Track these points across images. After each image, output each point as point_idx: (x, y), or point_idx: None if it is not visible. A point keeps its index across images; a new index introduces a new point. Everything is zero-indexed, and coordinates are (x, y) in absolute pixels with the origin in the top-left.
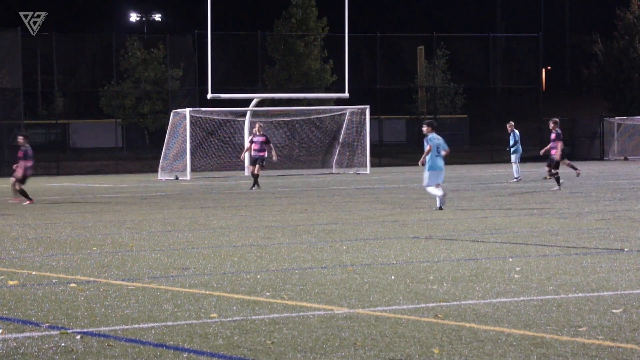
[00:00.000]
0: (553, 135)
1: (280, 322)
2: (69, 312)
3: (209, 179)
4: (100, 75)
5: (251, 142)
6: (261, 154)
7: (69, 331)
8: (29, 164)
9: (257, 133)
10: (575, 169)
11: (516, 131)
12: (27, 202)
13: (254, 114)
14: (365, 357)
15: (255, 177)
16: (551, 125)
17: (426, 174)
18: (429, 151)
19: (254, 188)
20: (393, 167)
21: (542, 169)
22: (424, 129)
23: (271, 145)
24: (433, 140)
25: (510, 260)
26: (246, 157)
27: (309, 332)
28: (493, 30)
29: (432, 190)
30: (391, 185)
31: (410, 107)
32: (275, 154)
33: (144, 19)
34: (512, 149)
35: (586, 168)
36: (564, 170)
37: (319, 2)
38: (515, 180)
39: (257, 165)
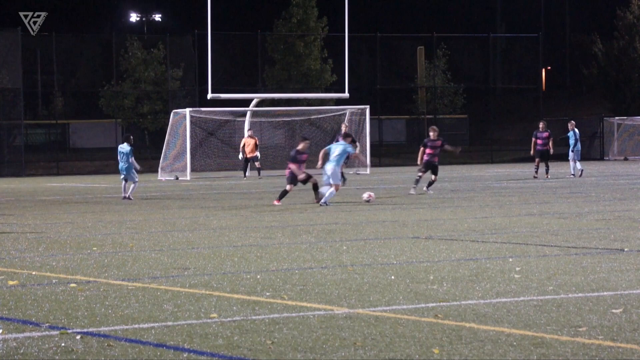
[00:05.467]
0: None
1: (280, 322)
2: (69, 312)
3: (209, 179)
4: (100, 75)
5: (425, 145)
6: (434, 159)
7: (69, 331)
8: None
9: (433, 137)
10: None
11: (576, 130)
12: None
13: (254, 114)
14: (365, 357)
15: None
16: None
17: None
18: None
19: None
20: (393, 167)
21: (540, 169)
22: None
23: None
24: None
25: (510, 260)
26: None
27: (309, 332)
28: (493, 30)
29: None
30: (391, 185)
31: (410, 107)
32: (452, 148)
33: (144, 19)
34: (572, 147)
35: (586, 168)
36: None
37: (319, 2)
38: (572, 176)
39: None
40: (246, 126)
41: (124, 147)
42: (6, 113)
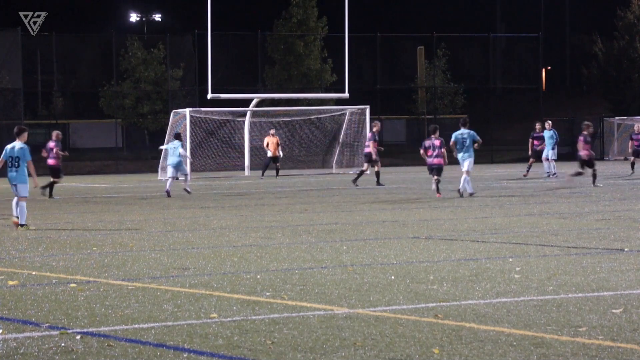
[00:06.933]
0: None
1: (280, 322)
2: (69, 312)
3: (209, 179)
4: (100, 75)
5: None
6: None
7: (69, 331)
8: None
9: (586, 132)
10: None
11: (553, 130)
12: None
13: (254, 114)
14: (365, 357)
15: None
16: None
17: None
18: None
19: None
20: (393, 167)
21: (541, 169)
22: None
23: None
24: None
25: (510, 260)
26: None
27: (309, 332)
28: (493, 30)
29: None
30: (391, 185)
31: (410, 107)
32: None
33: (144, 19)
34: (549, 146)
35: (586, 168)
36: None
37: (319, 2)
38: (547, 175)
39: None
40: (246, 126)
41: (175, 143)
42: (6, 113)
